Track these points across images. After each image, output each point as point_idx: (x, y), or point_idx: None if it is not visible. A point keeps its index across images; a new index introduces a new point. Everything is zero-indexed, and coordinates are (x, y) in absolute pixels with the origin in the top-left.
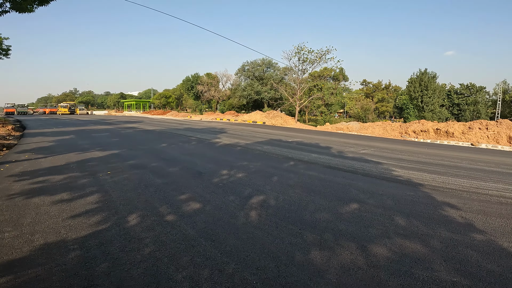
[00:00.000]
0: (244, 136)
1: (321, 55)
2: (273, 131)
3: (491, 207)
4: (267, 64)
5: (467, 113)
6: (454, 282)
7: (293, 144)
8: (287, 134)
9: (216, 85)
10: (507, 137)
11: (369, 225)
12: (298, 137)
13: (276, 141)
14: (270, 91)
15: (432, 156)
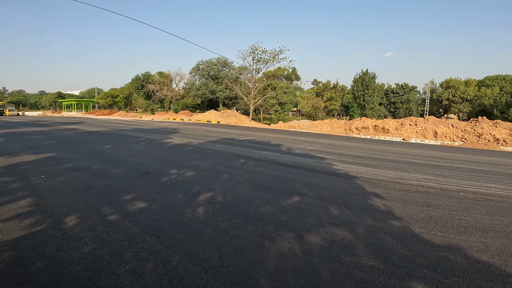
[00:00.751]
0: (197, 135)
1: (274, 55)
2: (227, 130)
3: (410, 195)
4: (222, 64)
5: (401, 111)
6: (372, 266)
7: (245, 142)
8: (240, 132)
9: (169, 84)
10: (433, 132)
11: (307, 216)
12: (251, 135)
13: (229, 139)
14: (225, 90)
15: (369, 150)
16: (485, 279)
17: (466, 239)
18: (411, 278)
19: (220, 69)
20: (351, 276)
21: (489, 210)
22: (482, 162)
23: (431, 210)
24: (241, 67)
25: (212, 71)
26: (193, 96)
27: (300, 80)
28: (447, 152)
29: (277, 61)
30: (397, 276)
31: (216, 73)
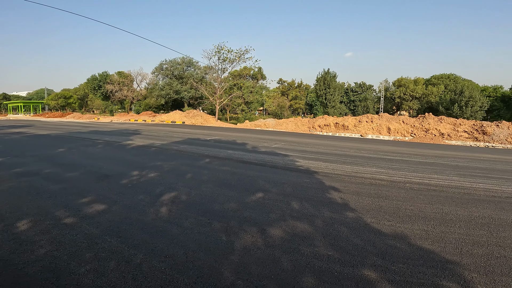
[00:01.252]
0: (160, 136)
1: (240, 54)
2: (192, 130)
3: (364, 188)
4: (187, 63)
5: (360, 109)
6: (329, 256)
7: (211, 142)
8: (206, 132)
9: (129, 84)
10: (386, 128)
11: (270, 210)
12: (217, 135)
13: (194, 140)
14: (190, 90)
15: (330, 147)
16: (427, 266)
17: (410, 227)
18: (363, 266)
19: (185, 69)
20: (310, 266)
21: (431, 200)
22: (428, 155)
23: (381, 201)
24: (206, 67)
25: (177, 70)
26: (156, 96)
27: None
28: (398, 146)
29: (242, 60)
30: (351, 264)
31: (180, 72)
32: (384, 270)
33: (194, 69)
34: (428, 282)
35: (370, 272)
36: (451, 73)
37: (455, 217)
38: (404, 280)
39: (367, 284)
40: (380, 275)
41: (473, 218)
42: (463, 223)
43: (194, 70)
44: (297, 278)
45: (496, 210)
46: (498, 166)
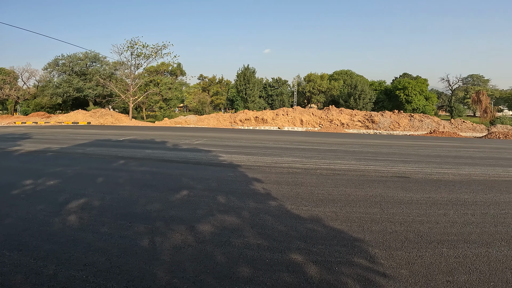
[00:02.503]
0: (59, 140)
1: (157, 50)
2: (100, 131)
3: (283, 177)
4: (92, 58)
5: (277, 103)
6: (258, 244)
7: (125, 142)
8: (118, 133)
9: (13, 82)
10: (300, 120)
11: (197, 207)
12: (132, 134)
13: (104, 141)
14: (96, 87)
15: (251, 140)
16: (340, 245)
17: (322, 210)
18: (290, 250)
19: (89, 65)
20: (243, 256)
21: (336, 183)
22: (332, 143)
23: (298, 188)
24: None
25: (78, 66)
26: (51, 95)
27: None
28: (309, 136)
29: (160, 56)
30: (279, 250)
31: (83, 68)
32: (308, 253)
33: (101, 65)
34: (343, 260)
35: (296, 255)
36: (348, 69)
37: (355, 197)
38: (325, 260)
39: (295, 267)
40: (305, 258)
41: (368, 198)
42: (361, 203)
43: (101, 66)
44: (232, 269)
45: (385, 189)
46: (384, 150)
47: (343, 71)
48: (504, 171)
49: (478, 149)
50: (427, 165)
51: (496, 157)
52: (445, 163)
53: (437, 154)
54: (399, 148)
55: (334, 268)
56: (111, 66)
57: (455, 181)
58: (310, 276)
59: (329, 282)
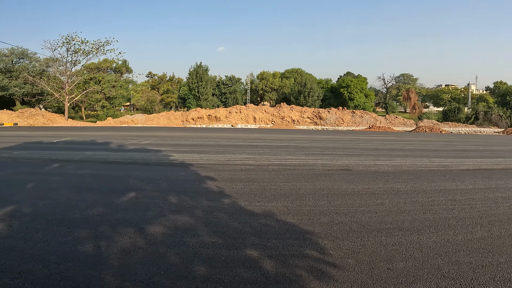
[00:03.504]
0: None
1: (98, 46)
2: (30, 133)
3: (236, 174)
4: (18, 55)
5: (230, 100)
6: (213, 243)
7: (60, 144)
8: (52, 134)
9: None
10: (253, 117)
11: (146, 209)
12: (69, 136)
13: (34, 144)
14: (24, 85)
15: (204, 138)
16: (292, 238)
17: (275, 205)
18: (245, 246)
19: (15, 61)
20: (198, 255)
21: (287, 178)
22: (283, 139)
23: (251, 184)
24: (49, 59)
25: (3, 63)
26: None
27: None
28: (262, 133)
29: (102, 52)
30: (234, 247)
31: (8, 65)
32: (263, 248)
33: (29, 61)
34: (296, 253)
35: (252, 251)
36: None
37: (305, 191)
38: (279, 254)
39: (251, 262)
40: (260, 253)
41: (316, 191)
42: (311, 196)
43: (30, 63)
44: (187, 269)
45: (331, 182)
46: (330, 144)
47: (294, 70)
48: (430, 161)
49: (408, 142)
50: (366, 158)
51: (423, 148)
52: (381, 156)
53: (374, 148)
54: (343, 143)
55: (289, 261)
56: (42, 63)
57: (389, 172)
58: (266, 270)
59: (285, 275)
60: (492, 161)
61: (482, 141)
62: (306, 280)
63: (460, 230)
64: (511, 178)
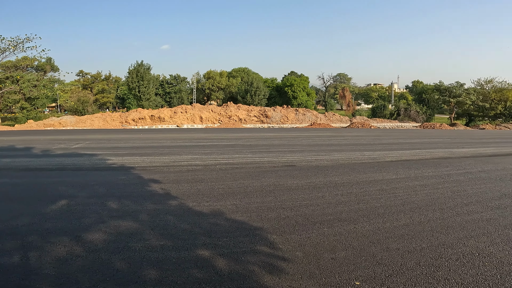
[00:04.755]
0: None
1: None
2: None
3: (182, 175)
4: None
5: (175, 100)
6: (162, 245)
7: None
8: None
9: None
10: (199, 117)
11: (82, 216)
12: None
13: None
14: None
15: (146, 140)
16: (242, 235)
17: (223, 204)
18: (195, 247)
19: None
20: (146, 259)
21: (235, 176)
22: (231, 138)
23: (198, 185)
24: None
25: None
26: None
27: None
28: (209, 133)
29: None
30: (185, 248)
31: None
32: (214, 247)
33: None
34: (247, 249)
35: (203, 251)
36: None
37: (253, 188)
38: (231, 252)
39: (204, 262)
40: (212, 252)
41: (263, 187)
42: (258, 193)
43: None
44: (136, 274)
45: (277, 178)
46: (275, 142)
47: (240, 69)
48: (361, 154)
49: (343, 137)
50: (308, 153)
51: (356, 143)
52: (321, 151)
53: (315, 143)
54: (287, 140)
55: (241, 258)
56: None
57: (328, 166)
58: (220, 269)
59: (238, 272)
60: (411, 153)
61: (403, 135)
62: (259, 275)
63: (388, 218)
64: (426, 168)
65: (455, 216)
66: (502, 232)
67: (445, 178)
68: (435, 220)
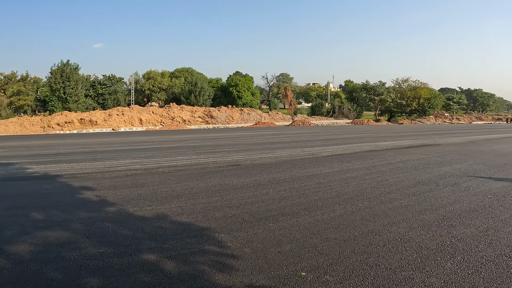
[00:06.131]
0: None
1: None
2: None
3: (120, 181)
4: None
5: (110, 102)
6: (101, 253)
7: None
8: None
9: None
10: (138, 119)
11: (1, 229)
12: None
13: None
14: None
15: (74, 146)
16: (189, 236)
17: (168, 207)
18: (140, 252)
19: None
20: (85, 267)
21: (179, 179)
22: (174, 140)
23: (139, 189)
24: None
25: None
26: None
27: None
28: (150, 136)
29: None
30: (128, 254)
31: None
32: (160, 250)
33: None
34: (196, 250)
35: (149, 255)
36: (189, 67)
37: (198, 189)
38: (179, 254)
39: (151, 266)
40: (158, 255)
41: (209, 188)
42: (204, 194)
43: None
44: (75, 282)
45: (222, 178)
46: (221, 142)
47: (184, 69)
48: (302, 151)
49: (286, 135)
50: (253, 152)
51: (297, 140)
52: (265, 149)
53: (260, 142)
54: (232, 140)
55: (189, 259)
56: None
57: (272, 163)
58: (169, 271)
59: (188, 273)
60: (344, 147)
61: (338, 131)
62: (210, 274)
63: (325, 209)
64: (356, 160)
65: (379, 205)
66: (418, 217)
67: (371, 170)
68: (364, 209)
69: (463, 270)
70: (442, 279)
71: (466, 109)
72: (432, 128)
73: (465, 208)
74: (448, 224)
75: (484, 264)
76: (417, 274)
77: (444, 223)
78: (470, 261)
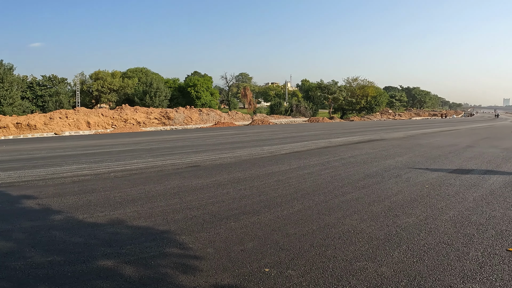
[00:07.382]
0: None
1: None
2: None
3: (66, 188)
4: None
5: (51, 104)
6: (50, 261)
7: None
8: None
9: None
10: (85, 122)
11: None
12: None
13: None
14: None
15: (10, 152)
16: (149, 240)
17: (123, 212)
18: (95, 258)
19: None
20: (33, 276)
21: (134, 183)
22: (128, 143)
23: (89, 196)
24: None
25: None
26: None
27: None
28: (99, 139)
29: None
30: (81, 261)
31: None
32: (117, 255)
33: None
34: (156, 253)
35: (105, 261)
36: (143, 67)
37: (155, 192)
38: (139, 258)
39: (108, 272)
40: (116, 261)
41: (167, 190)
42: (162, 197)
43: None
44: None
45: (181, 179)
46: (179, 143)
47: (137, 69)
48: (261, 149)
49: (246, 134)
50: (212, 152)
51: (257, 139)
52: (224, 149)
53: (219, 142)
54: (191, 141)
55: (150, 263)
56: None
57: (231, 163)
58: (129, 276)
59: (150, 277)
60: (301, 145)
61: (295, 129)
62: (173, 276)
63: (285, 206)
64: (312, 157)
65: (334, 198)
66: (368, 209)
67: (326, 165)
68: (320, 204)
69: (408, 258)
70: (392, 268)
71: (407, 106)
72: (378, 124)
73: (406, 198)
74: (393, 214)
75: (426, 252)
76: (370, 264)
77: (389, 213)
78: (414, 250)
